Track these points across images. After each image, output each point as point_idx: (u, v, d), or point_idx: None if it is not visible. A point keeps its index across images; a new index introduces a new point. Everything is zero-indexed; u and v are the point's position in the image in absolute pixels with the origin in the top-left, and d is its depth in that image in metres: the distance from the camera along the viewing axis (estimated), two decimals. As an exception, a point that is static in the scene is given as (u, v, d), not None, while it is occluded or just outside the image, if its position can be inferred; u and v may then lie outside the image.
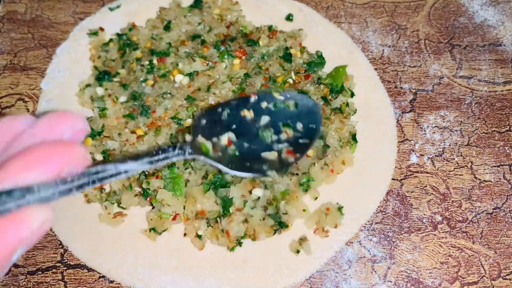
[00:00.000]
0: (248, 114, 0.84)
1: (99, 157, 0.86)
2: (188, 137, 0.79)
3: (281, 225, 0.82)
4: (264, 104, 0.84)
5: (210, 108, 0.87)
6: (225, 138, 0.80)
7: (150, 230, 0.81)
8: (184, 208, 0.82)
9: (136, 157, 0.65)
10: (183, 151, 0.73)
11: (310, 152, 0.88)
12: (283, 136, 0.82)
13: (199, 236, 0.81)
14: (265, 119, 0.83)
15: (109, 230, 0.83)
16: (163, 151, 0.71)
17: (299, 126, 0.83)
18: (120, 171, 0.61)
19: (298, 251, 0.81)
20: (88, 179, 0.55)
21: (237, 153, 0.79)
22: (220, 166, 0.76)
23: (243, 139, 0.81)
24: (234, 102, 0.85)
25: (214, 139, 0.79)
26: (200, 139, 0.78)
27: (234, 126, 0.82)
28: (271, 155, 0.80)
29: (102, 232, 0.83)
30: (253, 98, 0.84)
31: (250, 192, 0.83)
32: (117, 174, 0.61)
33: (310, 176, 0.85)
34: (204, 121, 0.82)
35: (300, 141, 0.82)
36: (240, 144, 0.81)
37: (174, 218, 0.82)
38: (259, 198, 0.83)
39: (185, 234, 0.82)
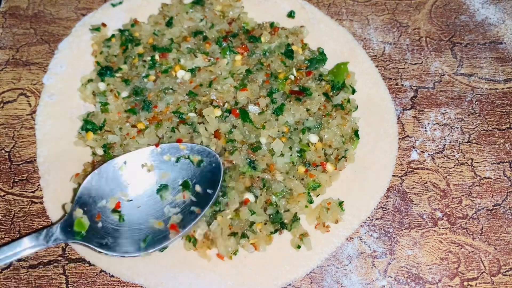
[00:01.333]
0: (149, 167, 0.82)
1: (100, 151, 0.86)
2: (68, 206, 0.79)
3: (282, 226, 0.82)
4: (166, 157, 0.82)
5: (105, 163, 0.82)
6: (114, 200, 0.79)
7: None
8: None
9: None
10: (47, 239, 0.74)
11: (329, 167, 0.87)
12: (178, 198, 0.80)
13: (189, 239, 0.81)
14: (165, 175, 0.81)
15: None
16: (30, 239, 0.73)
17: (198, 188, 0.81)
18: None
19: (299, 247, 0.81)
20: None
21: (122, 219, 0.78)
22: (92, 247, 0.76)
23: (136, 198, 0.79)
24: (134, 154, 0.82)
25: (102, 202, 0.78)
26: (78, 213, 0.77)
27: (130, 183, 0.80)
28: (157, 224, 0.78)
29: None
30: (156, 150, 0.82)
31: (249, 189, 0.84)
32: None
33: (316, 182, 0.85)
34: (94, 181, 0.80)
35: (191, 208, 0.80)
36: (129, 207, 0.79)
37: None
38: (255, 201, 0.83)
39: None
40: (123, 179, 0.81)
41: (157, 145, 0.82)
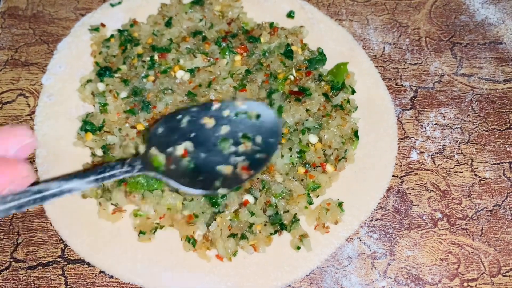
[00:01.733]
0: (209, 121, 0.82)
1: (99, 152, 0.86)
2: (142, 148, 0.79)
3: (282, 227, 0.82)
4: (226, 113, 0.83)
5: (169, 114, 0.85)
6: (182, 148, 0.79)
7: (139, 235, 0.82)
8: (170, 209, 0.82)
9: (82, 174, 0.65)
10: (132, 167, 0.72)
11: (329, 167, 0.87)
12: (241, 148, 0.81)
13: (189, 240, 0.81)
14: (225, 129, 0.82)
15: (108, 226, 0.83)
16: (110, 167, 0.70)
17: (258, 139, 0.81)
18: (63, 190, 0.61)
19: (298, 248, 0.81)
20: (29, 198, 0.55)
21: (191, 165, 0.78)
22: (172, 182, 0.75)
23: (200, 149, 0.80)
24: (195, 109, 0.84)
25: (170, 149, 0.78)
26: (153, 151, 0.77)
27: (193, 135, 0.81)
28: (226, 169, 0.78)
29: (101, 228, 0.83)
30: (215, 106, 0.83)
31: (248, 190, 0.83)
32: (61, 194, 0.62)
33: (316, 183, 0.85)
34: (161, 129, 0.81)
35: (257, 155, 0.80)
36: (196, 155, 0.79)
37: (162, 217, 0.82)
38: (255, 202, 0.83)
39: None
40: (186, 131, 0.82)
41: (216, 101, 0.84)
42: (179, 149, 0.79)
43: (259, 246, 0.80)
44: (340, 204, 0.85)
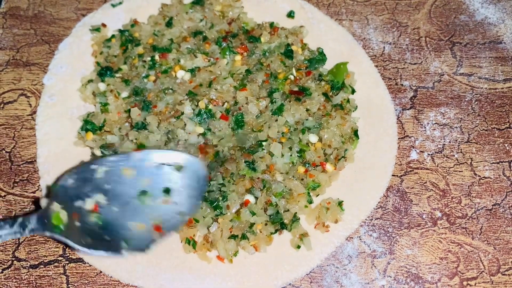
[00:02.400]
0: (129, 173, 0.78)
1: (98, 152, 0.86)
2: (44, 202, 0.75)
3: (282, 226, 0.82)
4: (148, 164, 0.79)
5: (83, 163, 0.81)
6: (92, 202, 0.75)
7: None
8: None
9: None
10: (23, 228, 0.69)
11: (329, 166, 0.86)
12: (158, 203, 0.77)
13: (189, 242, 0.81)
14: (146, 181, 0.78)
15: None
16: (2, 228, 0.68)
17: (180, 194, 0.78)
18: None
19: (298, 247, 0.82)
20: None
21: (99, 222, 0.75)
22: (70, 243, 0.72)
23: (114, 202, 0.76)
24: (113, 158, 0.79)
25: (79, 203, 0.75)
26: (55, 207, 0.73)
27: (108, 186, 0.77)
28: (138, 226, 0.75)
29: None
30: (136, 156, 0.79)
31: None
32: None
33: (316, 182, 0.85)
34: (70, 181, 0.76)
35: (176, 213, 0.77)
36: (108, 210, 0.75)
37: None
38: (256, 202, 0.83)
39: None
40: (101, 182, 0.78)
41: (137, 150, 0.80)
42: (89, 203, 0.75)
43: (260, 246, 0.81)
44: (340, 203, 0.85)
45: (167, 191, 0.79)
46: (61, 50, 1.01)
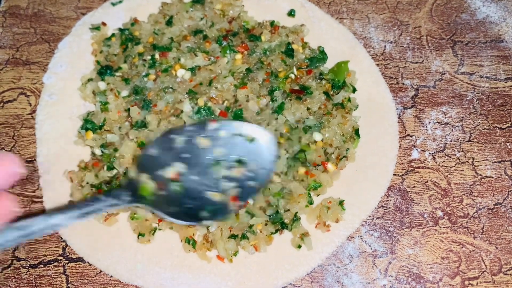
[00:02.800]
0: (203, 142, 0.79)
1: (98, 151, 0.86)
2: (132, 172, 0.77)
3: (283, 226, 0.82)
4: (222, 133, 0.80)
5: (163, 133, 0.82)
6: (174, 170, 0.77)
7: (138, 237, 0.82)
8: None
9: (67, 209, 0.64)
10: (119, 200, 0.71)
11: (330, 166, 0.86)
12: (233, 173, 0.78)
13: (188, 241, 0.81)
14: (219, 151, 0.79)
15: (108, 227, 0.83)
16: (95, 201, 0.69)
17: (252, 165, 0.79)
18: (47, 226, 0.60)
19: (299, 246, 0.81)
20: (13, 235, 0.53)
21: (181, 190, 0.76)
22: (160, 213, 0.74)
23: (192, 171, 0.77)
24: (190, 128, 0.81)
25: (161, 171, 0.76)
26: (143, 178, 0.75)
27: (186, 155, 0.78)
28: (216, 196, 0.76)
29: (101, 228, 0.83)
30: (212, 125, 0.80)
31: None
32: (45, 230, 0.60)
33: (317, 182, 0.85)
34: (153, 150, 0.78)
35: (249, 183, 0.78)
36: (187, 178, 0.77)
37: (160, 220, 0.82)
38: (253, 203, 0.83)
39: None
40: (180, 151, 0.79)
41: (212, 121, 0.81)
42: (171, 171, 0.77)
43: (260, 245, 0.80)
44: (341, 203, 0.85)
45: (239, 161, 0.79)
46: (61, 49, 1.00)
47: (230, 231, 0.80)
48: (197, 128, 0.81)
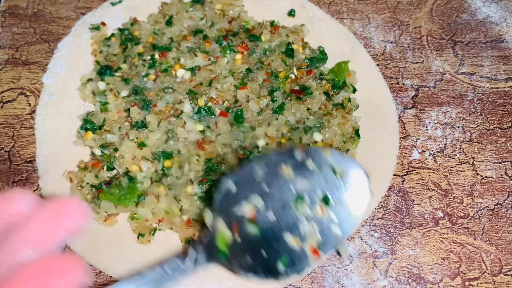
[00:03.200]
0: (288, 172, 0.68)
1: (98, 151, 0.86)
2: (208, 218, 0.66)
3: None
4: (310, 164, 0.69)
5: (245, 163, 0.71)
6: (251, 207, 0.66)
7: (138, 237, 0.81)
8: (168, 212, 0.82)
9: (140, 278, 0.57)
10: (196, 261, 0.62)
11: None
12: (315, 213, 0.67)
13: (188, 242, 0.80)
14: (303, 184, 0.68)
15: (108, 227, 0.83)
16: (171, 266, 0.60)
17: (339, 207, 0.67)
18: None
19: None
20: None
21: (258, 233, 0.65)
22: (236, 270, 0.65)
23: (270, 207, 0.67)
24: (276, 156, 0.70)
25: (238, 209, 0.66)
26: (220, 224, 0.65)
27: (266, 188, 0.67)
28: (294, 241, 0.66)
29: (101, 229, 0.83)
30: (299, 154, 0.69)
31: None
32: None
33: None
34: (233, 185, 0.68)
35: (333, 231, 0.66)
36: (264, 217, 0.66)
37: (160, 220, 0.82)
38: None
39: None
40: (258, 184, 0.68)
41: (302, 148, 0.70)
42: (248, 208, 0.66)
43: None
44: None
45: (325, 200, 0.68)
46: (60, 49, 1.00)
47: None
48: (282, 156, 0.70)
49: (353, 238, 0.84)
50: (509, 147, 0.94)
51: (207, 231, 0.67)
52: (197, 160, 0.83)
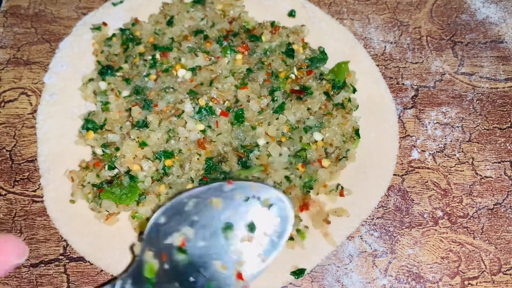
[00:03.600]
0: (217, 203, 0.74)
1: (99, 151, 0.86)
2: (137, 247, 0.73)
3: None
4: (237, 195, 0.75)
5: (176, 197, 0.77)
6: (180, 236, 0.72)
7: (139, 236, 0.82)
8: None
9: None
10: None
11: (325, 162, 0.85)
12: (242, 241, 0.73)
13: None
14: (231, 214, 0.74)
15: (109, 226, 0.83)
16: None
17: (263, 235, 0.74)
18: None
19: (291, 239, 0.81)
20: None
21: (187, 259, 0.71)
22: None
23: (200, 236, 0.72)
24: (205, 189, 0.76)
25: (168, 239, 0.72)
26: (148, 256, 0.71)
27: (195, 218, 0.73)
28: (222, 268, 0.71)
29: (102, 228, 0.83)
30: (227, 187, 0.75)
31: None
32: None
33: (313, 177, 0.85)
34: (163, 218, 0.74)
35: (257, 257, 0.73)
36: (194, 244, 0.72)
37: None
38: None
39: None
40: (188, 214, 0.74)
41: (229, 182, 0.76)
42: (177, 238, 0.72)
43: None
44: (337, 187, 0.86)
45: (251, 226, 0.74)
46: (61, 49, 1.01)
47: None
48: (211, 188, 0.76)
49: (353, 237, 0.84)
50: (508, 147, 0.95)
51: (135, 260, 0.73)
52: (198, 159, 0.84)
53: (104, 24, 1.02)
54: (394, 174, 0.91)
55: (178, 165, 0.84)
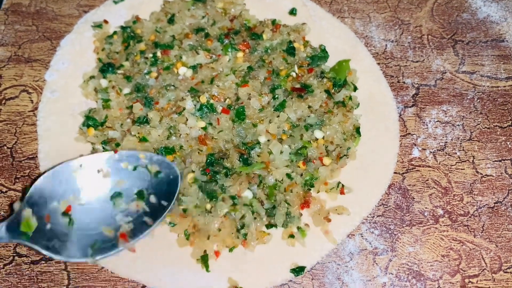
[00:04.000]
0: (105, 172, 0.80)
1: (99, 148, 0.86)
2: (17, 206, 0.76)
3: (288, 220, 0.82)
4: (124, 164, 0.81)
5: (62, 163, 0.81)
6: (65, 203, 0.76)
7: None
8: None
9: None
10: None
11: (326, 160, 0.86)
12: (132, 207, 0.79)
13: (186, 236, 0.81)
14: (120, 182, 0.80)
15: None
16: None
17: (153, 199, 0.79)
18: None
19: (292, 236, 0.81)
20: None
21: (71, 224, 0.76)
22: (35, 247, 0.73)
23: (87, 204, 0.77)
24: (91, 157, 0.80)
25: (54, 204, 0.76)
26: (27, 213, 0.74)
27: (84, 185, 0.78)
28: (108, 231, 0.77)
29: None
30: (114, 156, 0.80)
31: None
32: None
33: (314, 175, 0.85)
34: (46, 182, 0.77)
35: (144, 219, 0.78)
36: (80, 211, 0.76)
37: None
38: (253, 197, 0.83)
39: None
40: (77, 182, 0.79)
41: (115, 151, 0.81)
42: (62, 204, 0.77)
43: (261, 241, 0.81)
44: (338, 184, 0.86)
45: (140, 194, 0.80)
46: (63, 47, 1.01)
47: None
48: (97, 158, 0.80)
49: (354, 235, 0.84)
50: (509, 146, 0.95)
51: (12, 216, 0.75)
52: (198, 153, 0.84)
53: (105, 21, 1.02)
54: (395, 172, 0.91)
55: (180, 160, 0.84)
